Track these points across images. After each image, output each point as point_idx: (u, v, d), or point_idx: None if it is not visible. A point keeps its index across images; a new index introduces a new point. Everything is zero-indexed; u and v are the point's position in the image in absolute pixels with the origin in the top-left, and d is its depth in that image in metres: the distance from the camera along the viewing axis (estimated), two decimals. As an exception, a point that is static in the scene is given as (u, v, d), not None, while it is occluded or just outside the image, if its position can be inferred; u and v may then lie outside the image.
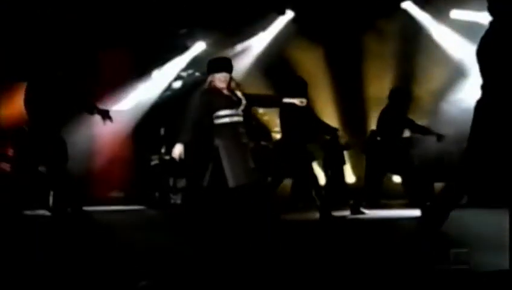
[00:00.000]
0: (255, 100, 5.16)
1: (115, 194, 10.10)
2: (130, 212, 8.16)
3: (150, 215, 7.70)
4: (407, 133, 8.72)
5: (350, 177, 10.28)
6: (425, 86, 9.42)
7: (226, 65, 4.86)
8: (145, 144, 9.76)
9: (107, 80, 9.62)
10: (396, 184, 9.39)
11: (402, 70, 9.58)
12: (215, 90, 4.71)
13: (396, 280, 2.25)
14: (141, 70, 10.34)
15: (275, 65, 9.66)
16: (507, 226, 2.86)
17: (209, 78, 4.79)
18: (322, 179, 9.83)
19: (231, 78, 4.80)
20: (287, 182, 9.17)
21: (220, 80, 4.72)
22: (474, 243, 3.21)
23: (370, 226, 5.47)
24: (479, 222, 5.36)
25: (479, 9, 7.15)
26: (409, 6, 9.65)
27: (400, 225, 5.52)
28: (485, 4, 3.38)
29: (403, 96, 6.49)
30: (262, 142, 8.80)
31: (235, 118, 4.72)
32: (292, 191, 9.27)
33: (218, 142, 4.65)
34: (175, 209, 8.40)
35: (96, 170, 10.01)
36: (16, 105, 7.88)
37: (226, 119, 4.70)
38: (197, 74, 10.44)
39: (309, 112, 6.20)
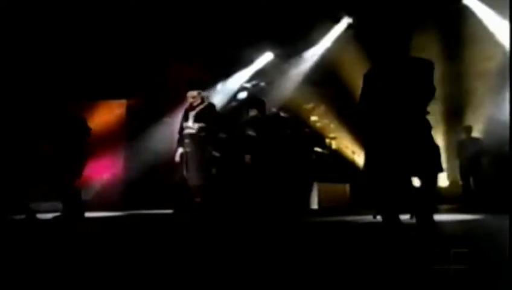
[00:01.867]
0: None
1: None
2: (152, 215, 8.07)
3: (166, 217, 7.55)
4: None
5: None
6: (475, 84, 8.98)
7: (191, 84, 6.21)
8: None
9: (175, 93, 10.33)
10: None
11: (455, 70, 9.21)
12: (188, 106, 6.21)
13: (396, 280, 2.27)
14: (208, 83, 10.89)
15: (330, 73, 9.74)
16: (507, 228, 3.00)
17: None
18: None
19: (199, 96, 6.09)
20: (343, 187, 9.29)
21: (188, 96, 6.12)
22: (474, 244, 3.21)
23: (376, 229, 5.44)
24: (480, 224, 5.24)
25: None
26: (471, 2, 9.22)
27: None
28: None
29: None
30: (317, 149, 8.90)
31: (193, 131, 6.00)
32: (351, 195, 9.36)
33: None
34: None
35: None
36: (96, 121, 8.91)
37: (186, 131, 6.07)
38: (261, 84, 10.72)
39: None
